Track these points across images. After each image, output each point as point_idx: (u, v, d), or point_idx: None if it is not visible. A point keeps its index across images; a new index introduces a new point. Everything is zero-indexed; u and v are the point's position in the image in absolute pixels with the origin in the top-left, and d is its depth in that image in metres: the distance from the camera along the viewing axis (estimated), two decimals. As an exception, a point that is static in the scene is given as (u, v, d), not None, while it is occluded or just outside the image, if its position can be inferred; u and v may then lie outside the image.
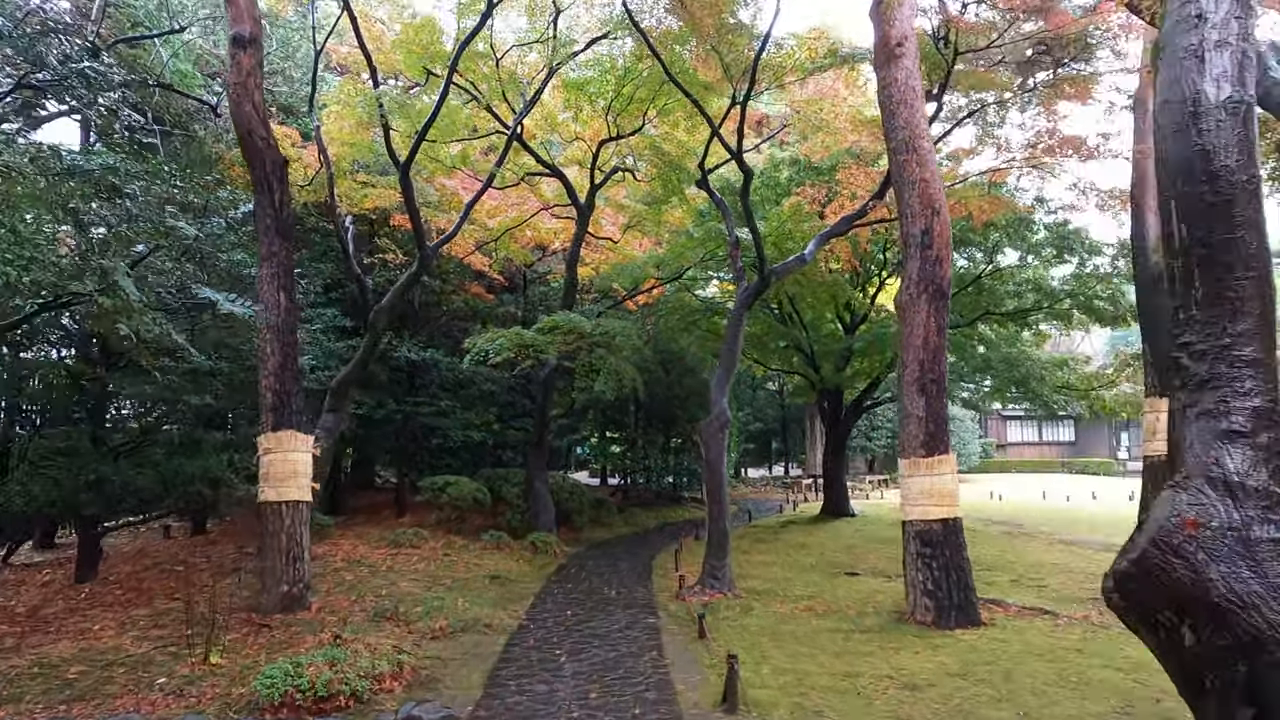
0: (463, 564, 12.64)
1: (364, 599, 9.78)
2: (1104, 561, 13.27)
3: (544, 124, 17.26)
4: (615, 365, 14.38)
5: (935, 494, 8.69)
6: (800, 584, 11.26)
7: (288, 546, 8.92)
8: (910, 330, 9.03)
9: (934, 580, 8.52)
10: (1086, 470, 44.61)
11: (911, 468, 8.87)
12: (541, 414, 16.37)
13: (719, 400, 11.02)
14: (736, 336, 11.38)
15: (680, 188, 16.44)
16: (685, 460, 23.62)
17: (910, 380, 8.97)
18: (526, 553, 14.33)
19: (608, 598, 10.74)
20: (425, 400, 16.32)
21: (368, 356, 12.79)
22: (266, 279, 9.14)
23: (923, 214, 9.02)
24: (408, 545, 13.61)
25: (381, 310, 12.59)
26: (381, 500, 19.83)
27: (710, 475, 10.94)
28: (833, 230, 12.12)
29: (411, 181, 12.33)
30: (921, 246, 9.00)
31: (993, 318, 18.36)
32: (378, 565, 11.94)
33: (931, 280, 8.94)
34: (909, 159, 9.12)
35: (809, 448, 34.36)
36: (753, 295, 11.61)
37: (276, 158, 9.18)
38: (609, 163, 17.40)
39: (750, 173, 11.26)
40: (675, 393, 23.85)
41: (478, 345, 13.60)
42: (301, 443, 9.12)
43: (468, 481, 15.42)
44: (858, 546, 14.96)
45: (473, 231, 18.86)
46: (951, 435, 30.74)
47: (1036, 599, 9.91)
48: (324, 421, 12.81)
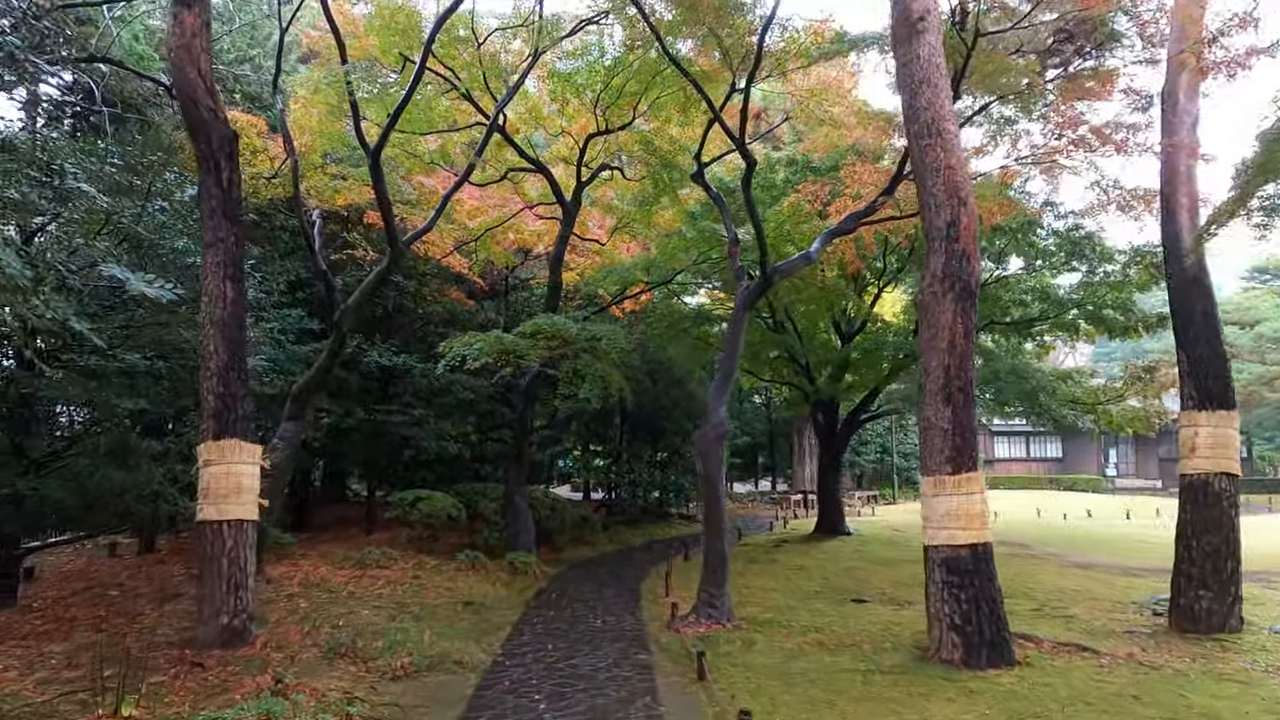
0: (433, 588, 11.54)
1: (318, 630, 8.68)
2: (1126, 587, 12.47)
3: (528, 118, 16.32)
4: (601, 372, 13.38)
5: (963, 516, 7.74)
6: (805, 612, 10.27)
7: (229, 572, 7.82)
8: (933, 332, 8.12)
9: (962, 613, 7.56)
10: (1075, 487, 44.11)
11: (935, 486, 7.93)
12: (522, 424, 15.32)
13: (717, 409, 10.05)
14: (736, 340, 10.42)
15: (672, 187, 15.55)
16: (673, 475, 22.61)
17: (934, 388, 8.04)
18: (504, 574, 13.25)
19: (593, 628, 9.70)
20: (398, 409, 15.21)
21: (332, 360, 11.71)
22: (211, 267, 8.08)
23: (948, 203, 8.13)
24: (374, 566, 12.50)
25: (348, 310, 11.53)
26: (353, 515, 18.65)
27: (707, 492, 9.95)
28: (839, 228, 11.23)
29: (383, 171, 11.32)
30: (946, 239, 8.11)
31: (996, 328, 17.57)
32: (339, 590, 10.82)
33: (957, 277, 8.04)
34: (932, 143, 8.24)
35: (797, 463, 33.46)
36: (754, 295, 10.67)
37: (224, 131, 8.15)
38: (596, 159, 16.49)
39: (753, 160, 10.35)
40: (662, 404, 22.90)
41: (454, 349, 12.57)
42: (248, 453, 8.03)
43: (441, 496, 14.32)
44: (860, 569, 13.99)
45: (452, 231, 17.87)
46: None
47: (1067, 631, 8.99)
48: (283, 430, 11.71)
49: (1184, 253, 9.78)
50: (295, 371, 13.06)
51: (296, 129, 14.63)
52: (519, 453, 15.30)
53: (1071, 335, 17.53)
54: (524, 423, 15.27)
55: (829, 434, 19.82)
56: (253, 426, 8.21)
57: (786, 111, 13.22)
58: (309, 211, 14.25)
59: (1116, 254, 15.29)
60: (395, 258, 11.52)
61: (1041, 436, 50.93)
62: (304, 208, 14.91)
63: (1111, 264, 15.49)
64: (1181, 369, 9.60)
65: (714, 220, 14.32)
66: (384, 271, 11.59)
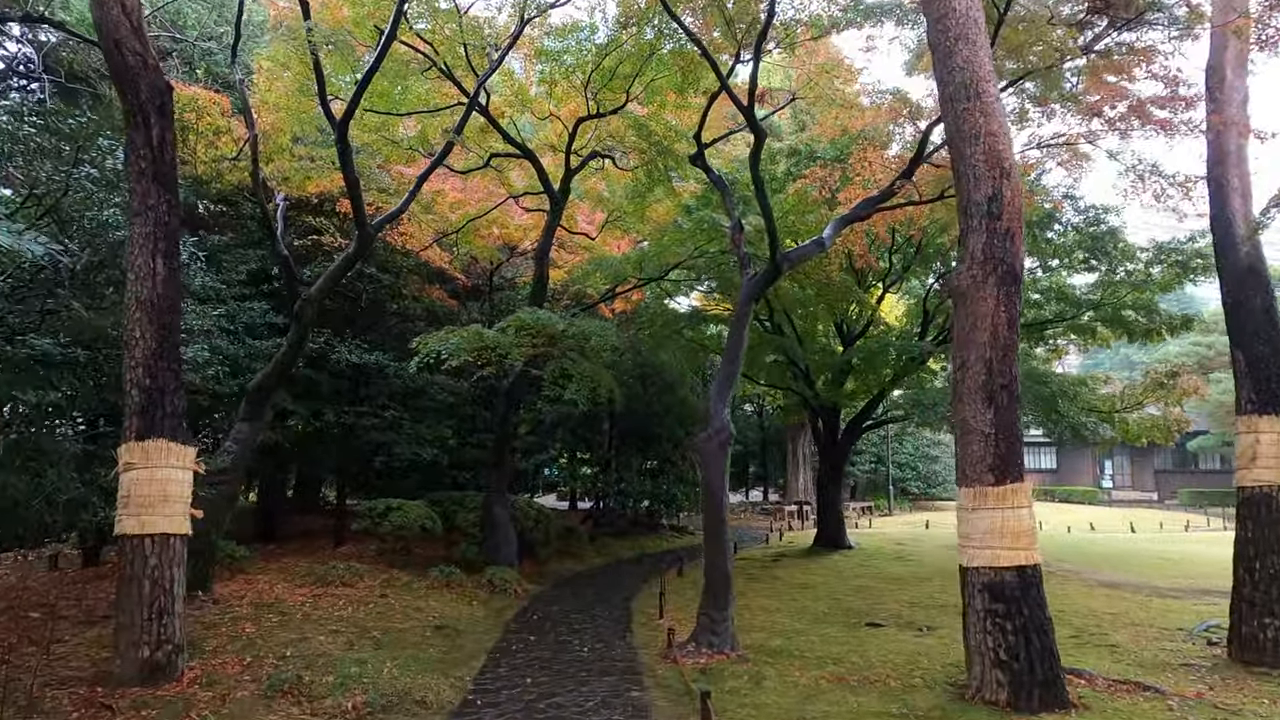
0: (401, 608, 10.38)
1: (261, 661, 7.52)
2: (1164, 610, 11.45)
3: (514, 101, 15.23)
4: (590, 372, 12.30)
5: (1008, 533, 6.70)
6: (816, 639, 9.18)
7: (151, 596, 6.66)
8: (972, 322, 7.10)
9: (1008, 647, 6.50)
10: (1070, 499, 43.43)
11: (975, 498, 6.88)
12: (503, 429, 14.19)
13: (719, 412, 8.98)
14: (740, 336, 9.37)
15: (667, 176, 14.52)
16: (664, 484, 21.50)
17: (973, 386, 7.01)
18: (482, 592, 12.11)
19: (579, 656, 8.58)
20: (369, 411, 14.05)
21: (293, 354, 10.59)
22: (139, 240, 6.95)
23: (989, 176, 7.12)
24: (338, 583, 11.33)
25: (310, 299, 10.41)
26: (324, 526, 17.43)
27: (708, 504, 8.86)
28: (852, 214, 10.23)
29: (350, 146, 10.22)
30: (988, 216, 7.10)
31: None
32: (293, 611, 9.64)
33: (1001, 259, 7.03)
34: (970, 108, 7.24)
35: (791, 472, 32.42)
36: (761, 285, 9.62)
37: (156, 81, 7.04)
38: (587, 147, 15.43)
39: (763, 133, 9.32)
40: (654, 409, 21.82)
41: (429, 345, 11.47)
42: (177, 456, 6.88)
43: (415, 506, 13.16)
44: (869, 588, 12.94)
45: (431, 223, 16.79)
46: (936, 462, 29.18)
47: (1116, 664, 7.96)
48: (236, 431, 10.57)
49: (1238, 240, 8.83)
50: (256, 369, 11.92)
51: (262, 107, 13.54)
52: (500, 459, 14.18)
53: (1087, 339, 16.61)
54: (506, 427, 14.15)
55: (829, 442, 18.80)
56: (184, 425, 7.07)
57: (792, 93, 12.22)
58: (273, 195, 13.15)
59: (1139, 251, 14.37)
60: (364, 242, 10.41)
61: (1036, 447, 50.18)
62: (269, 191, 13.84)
63: (1133, 262, 14.57)
64: (1237, 369, 8.63)
65: (715, 209, 13.30)
66: (351, 257, 10.48)
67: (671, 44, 12.87)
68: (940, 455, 38.91)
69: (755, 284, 9.48)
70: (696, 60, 12.39)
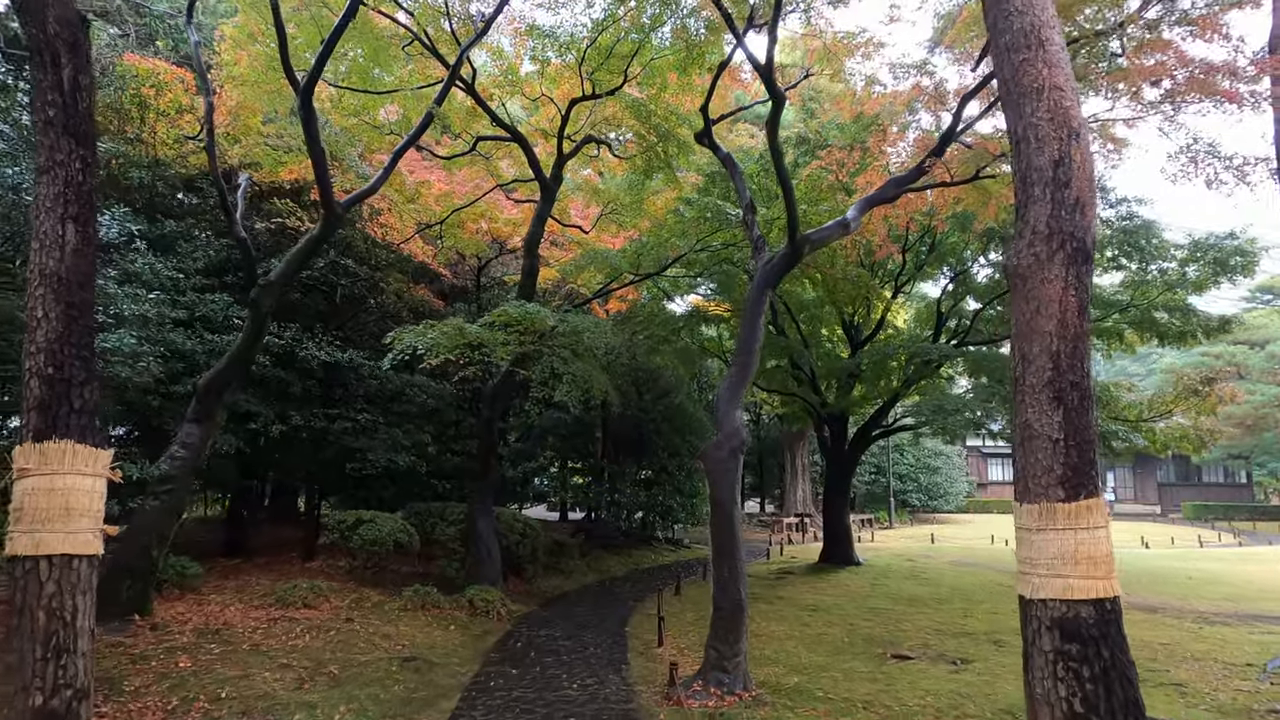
0: (367, 635, 9.19)
1: (190, 707, 6.34)
2: (1219, 640, 10.33)
3: (503, 82, 14.15)
4: (582, 372, 11.19)
5: (1083, 558, 5.58)
6: (839, 675, 8.05)
7: (47, 630, 5.47)
8: (1034, 308, 5.99)
9: (1084, 697, 5.36)
10: (1072, 512, 42.25)
11: (1042, 517, 5.75)
12: (487, 434, 13.03)
13: (730, 416, 7.86)
14: (755, 328, 8.26)
15: (667, 163, 13.46)
16: (659, 495, 20.36)
17: (1036, 383, 5.89)
18: (461, 615, 10.93)
19: (567, 695, 7.42)
20: (340, 413, 12.87)
21: (249, 348, 9.44)
22: (45, 203, 5.80)
23: (1054, 136, 6.04)
24: (299, 605, 10.15)
25: (270, 286, 9.26)
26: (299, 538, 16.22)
27: (718, 521, 7.72)
28: (878, 195, 9.17)
29: (315, 114, 9.09)
30: (1054, 184, 6.00)
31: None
32: (241, 640, 8.45)
33: (1070, 234, 5.93)
34: (1030, 58, 6.16)
35: (790, 484, 31.34)
36: (778, 270, 8.52)
37: (66, 11, 5.90)
38: (581, 132, 14.37)
39: (781, 97, 8.22)
40: (650, 416, 20.73)
41: (404, 340, 10.36)
42: (85, 461, 5.71)
43: (389, 519, 11.99)
44: (886, 611, 11.81)
45: (414, 213, 15.68)
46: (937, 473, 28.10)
47: (1190, 709, 6.85)
48: (184, 434, 9.40)
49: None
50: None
51: (229, 81, 12.43)
52: (484, 468, 13.02)
53: (1112, 344, 15.58)
54: (490, 432, 12.99)
55: (836, 452, 17.71)
56: (96, 423, 5.90)
57: (806, 69, 11.18)
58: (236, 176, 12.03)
59: (1174, 249, 13.36)
60: (331, 223, 9.28)
61: (1036, 459, 49.01)
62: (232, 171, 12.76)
63: (1166, 260, 13.56)
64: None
65: (721, 195, 12.24)
66: (316, 239, 9.34)
67: (674, 19, 11.91)
68: (941, 466, 37.92)
69: (772, 269, 8.39)
70: (700, 39, 11.45)
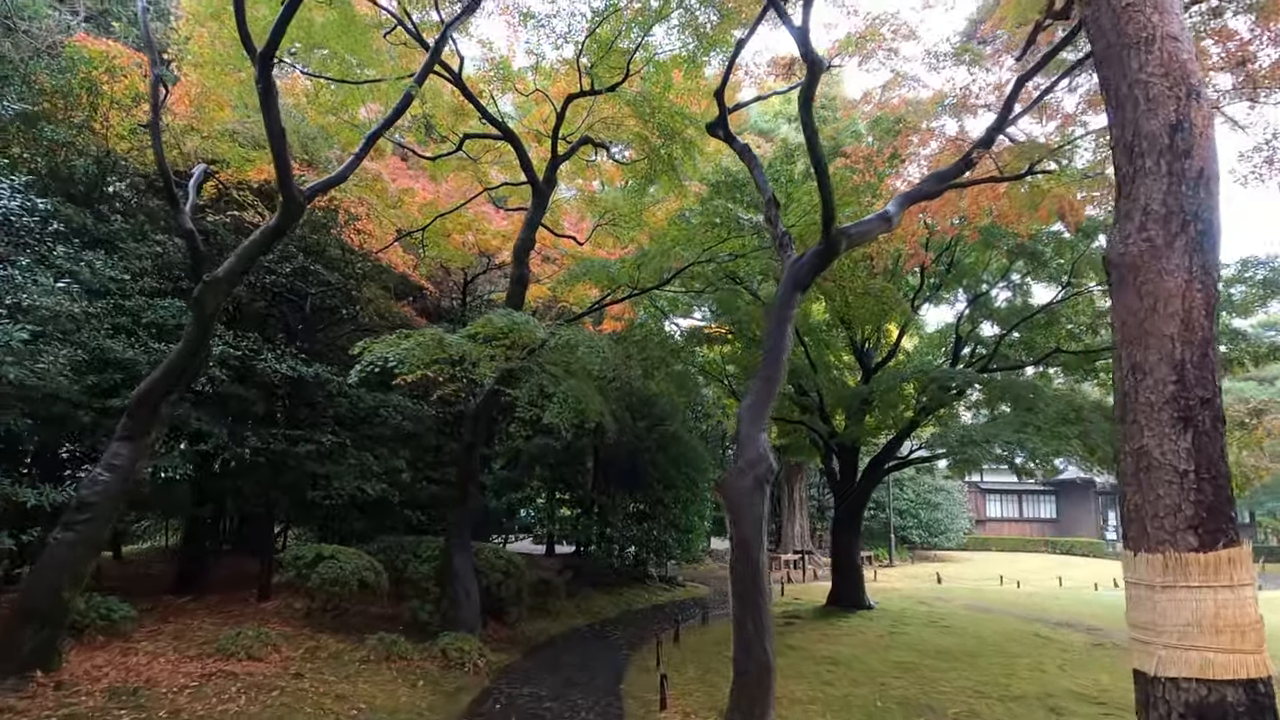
0: (317, 697, 7.78)
1: (70, 802, 4.94)
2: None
3: (494, 76, 13.04)
4: (576, 390, 9.92)
5: (1225, 627, 4.32)
6: (882, 755, 6.71)
7: None
8: (1149, 306, 4.79)
9: (1237, 811, 4.09)
10: (1073, 551, 41.08)
11: (1167, 571, 4.49)
12: (468, 460, 11.69)
13: (755, 438, 6.60)
14: (783, 334, 7.04)
15: (671, 165, 12.34)
16: (653, 529, 18.93)
17: (1155, 400, 4.67)
18: (433, 667, 9.53)
19: (555, 781, 6.05)
20: (304, 435, 11.51)
21: (189, 355, 8.12)
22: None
23: (1170, 95, 4.89)
24: (241, 656, 8.71)
25: (216, 283, 7.97)
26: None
27: (741, 566, 6.42)
28: (919, 190, 8.04)
29: (275, 86, 7.88)
30: (1170, 153, 4.84)
31: (1060, 358, 14.49)
32: (161, 702, 7.04)
33: (1194, 214, 4.76)
34: (1138, 3, 5.06)
35: (787, 518, 29.93)
36: (810, 269, 7.30)
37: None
38: (577, 133, 13.26)
39: (818, 63, 7.05)
40: (644, 444, 19.39)
41: (374, 351, 9.09)
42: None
43: (353, 555, 10.59)
44: (914, 666, 10.46)
45: (394, 219, 14.50)
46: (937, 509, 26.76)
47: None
48: (112, 455, 8.03)
49: None
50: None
51: (189, 66, 11.30)
52: (464, 497, 11.66)
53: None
54: (471, 457, 11.66)
55: (846, 485, 16.45)
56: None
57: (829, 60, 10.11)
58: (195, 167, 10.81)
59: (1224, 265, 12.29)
60: (290, 211, 8.04)
61: (1035, 495, 48.28)
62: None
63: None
64: None
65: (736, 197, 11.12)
66: (272, 230, 8.09)
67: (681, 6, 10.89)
68: (941, 502, 36.63)
69: (802, 268, 7.18)
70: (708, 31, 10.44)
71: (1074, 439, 11.53)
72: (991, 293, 15.79)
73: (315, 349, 13.01)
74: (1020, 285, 15.47)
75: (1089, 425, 11.71)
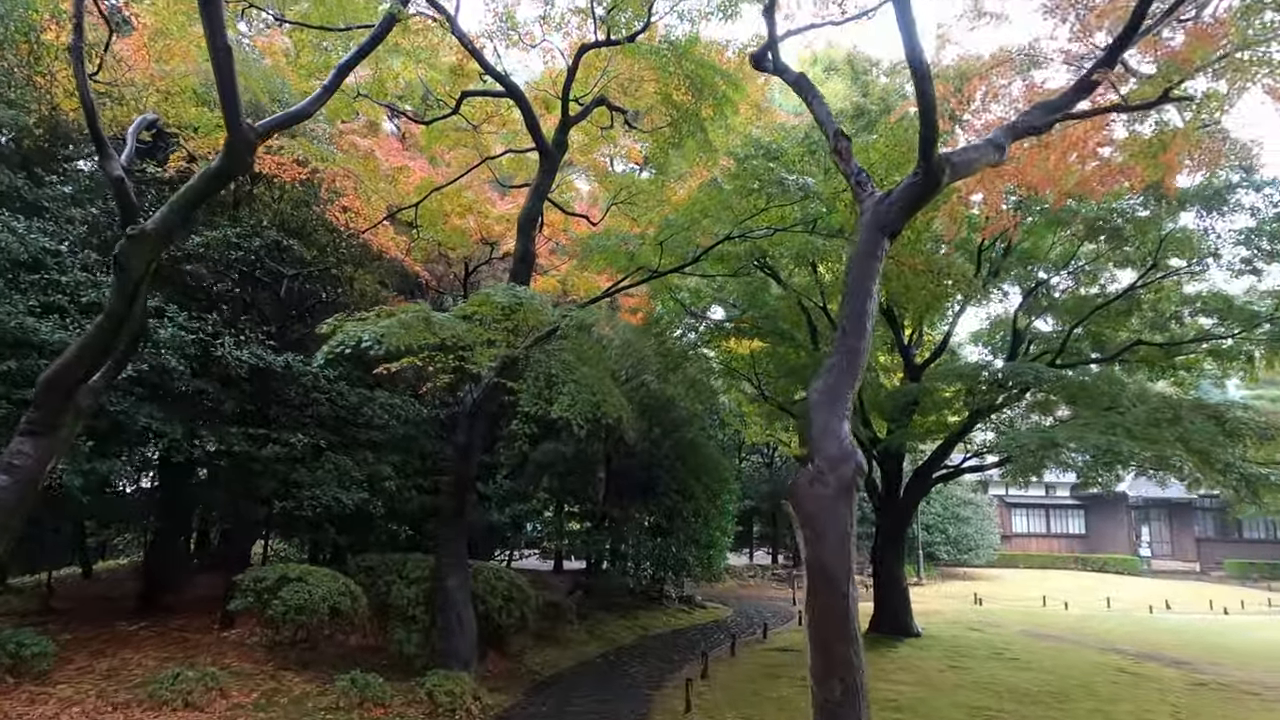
0: (261, 764, 6.10)
1: None
2: None
3: (497, 30, 11.45)
4: (590, 380, 8.26)
5: None
6: None
7: None
8: None
9: None
10: (1106, 568, 39.02)
11: None
12: (464, 464, 10.02)
13: (833, 428, 4.91)
14: (867, 291, 5.33)
15: (701, 125, 10.71)
16: (672, 545, 17.17)
17: None
18: (418, 713, 7.87)
19: None
20: (271, 435, 9.86)
21: (112, 331, 6.50)
22: None
23: None
24: (178, 704, 7.07)
25: (143, 237, 6.34)
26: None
27: (823, 604, 4.66)
28: (1026, 121, 6.35)
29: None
30: None
31: (1140, 352, 12.77)
32: (47, 778, 5.37)
33: None
34: None
35: (809, 532, 28.03)
36: (905, 205, 5.52)
37: None
38: (589, 94, 11.67)
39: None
40: (660, 453, 17.72)
41: (346, 332, 7.45)
42: None
43: (325, 577, 8.90)
44: (994, 712, 8.71)
45: (385, 194, 12.91)
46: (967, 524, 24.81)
47: None
48: (12, 451, 6.41)
49: None
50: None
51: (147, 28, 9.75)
52: (459, 507, 9.99)
53: (1234, 366, 12.73)
54: (467, 463, 9.99)
55: (889, 499, 14.69)
56: None
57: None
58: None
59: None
60: (236, 150, 6.42)
61: (1063, 510, 46.29)
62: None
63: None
64: None
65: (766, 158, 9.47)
66: (214, 174, 6.47)
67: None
68: (970, 516, 34.66)
69: (892, 206, 5.48)
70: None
71: (1173, 442, 9.77)
72: (1051, 280, 14.11)
73: (292, 339, 11.40)
74: (1087, 271, 13.77)
75: (1188, 428, 9.96)
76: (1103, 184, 9.94)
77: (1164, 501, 41.39)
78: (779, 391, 15.63)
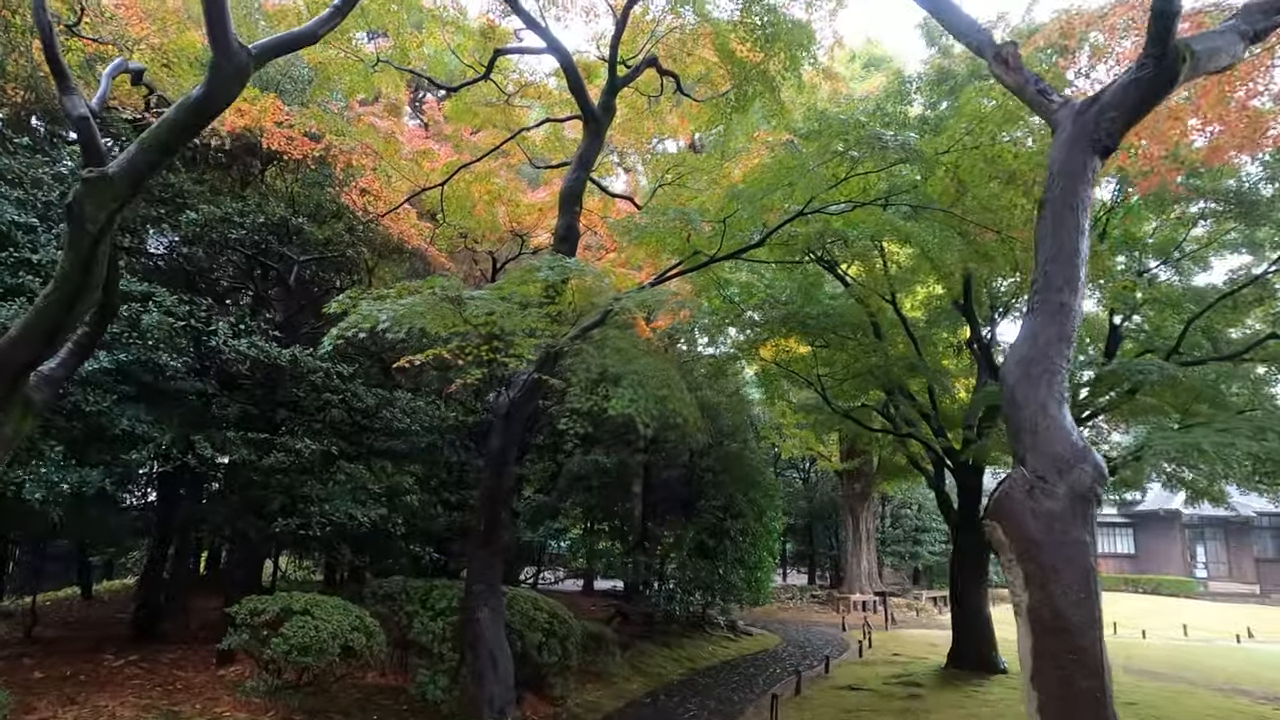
0: None
1: None
2: None
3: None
4: (653, 371, 6.80)
5: None
6: None
7: None
8: None
9: None
10: (1160, 590, 36.75)
11: None
12: (497, 478, 8.54)
13: (1056, 417, 3.40)
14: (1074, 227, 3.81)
15: (770, 84, 9.26)
16: (720, 567, 15.56)
17: None
18: (445, 779, 6.35)
19: None
20: (275, 440, 8.45)
21: (68, 301, 5.12)
22: None
23: None
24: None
25: (104, 181, 4.96)
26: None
27: (1061, 662, 3.19)
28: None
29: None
30: None
31: (1270, 347, 11.13)
32: None
33: None
34: None
35: (852, 554, 26.31)
36: (1122, 113, 4.00)
37: None
38: (637, 55, 10.29)
39: None
40: (703, 465, 16.22)
41: (360, 311, 6.06)
42: None
43: (335, 607, 7.43)
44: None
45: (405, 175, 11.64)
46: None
47: None
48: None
49: None
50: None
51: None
52: (492, 529, 8.50)
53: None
54: (502, 474, 8.52)
55: (969, 517, 13.05)
56: None
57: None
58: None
59: None
60: (220, 73, 5.05)
61: (1110, 528, 44.04)
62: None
63: None
64: None
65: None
66: (194, 104, 5.10)
67: None
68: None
69: (1106, 111, 3.92)
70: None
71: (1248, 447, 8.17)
72: (1152, 268, 12.56)
73: (302, 333, 10.04)
74: (1192, 257, 12.20)
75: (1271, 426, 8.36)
76: (1246, 146, 8.46)
77: (1220, 520, 39.11)
78: (839, 395, 14.07)
